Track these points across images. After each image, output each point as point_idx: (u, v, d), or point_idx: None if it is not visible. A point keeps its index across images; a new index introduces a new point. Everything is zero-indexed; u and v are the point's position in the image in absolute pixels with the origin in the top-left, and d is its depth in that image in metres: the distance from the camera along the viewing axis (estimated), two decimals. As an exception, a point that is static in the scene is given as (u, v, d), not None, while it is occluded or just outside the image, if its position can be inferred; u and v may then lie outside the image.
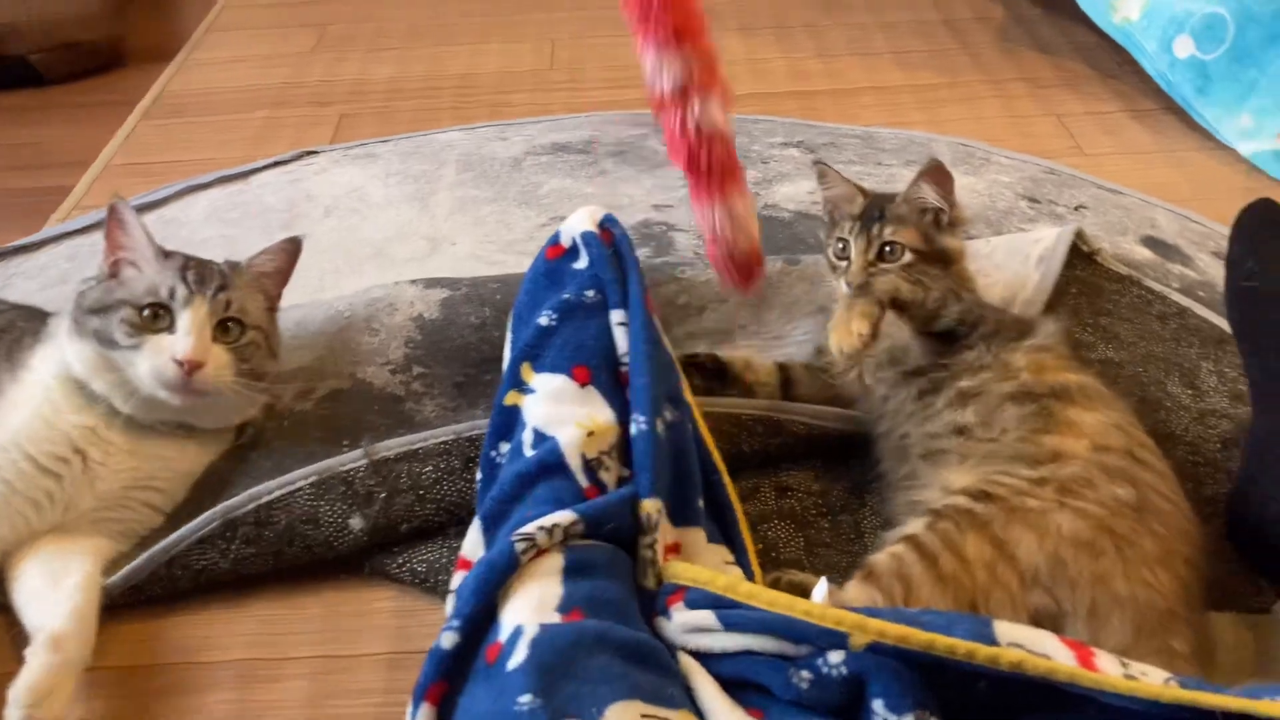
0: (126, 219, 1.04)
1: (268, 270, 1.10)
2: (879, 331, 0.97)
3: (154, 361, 0.99)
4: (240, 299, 1.05)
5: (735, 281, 1.03)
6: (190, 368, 0.98)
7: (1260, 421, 0.98)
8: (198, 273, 1.03)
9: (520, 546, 0.81)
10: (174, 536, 0.98)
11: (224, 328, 1.03)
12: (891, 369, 1.05)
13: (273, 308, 1.12)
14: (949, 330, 1.02)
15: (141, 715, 0.91)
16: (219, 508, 0.99)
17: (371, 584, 1.02)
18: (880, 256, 1.09)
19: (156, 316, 1.00)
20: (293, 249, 1.11)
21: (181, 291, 1.01)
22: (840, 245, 1.13)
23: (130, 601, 0.98)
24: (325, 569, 1.02)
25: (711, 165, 0.93)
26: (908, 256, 1.09)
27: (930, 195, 1.11)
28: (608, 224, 1.06)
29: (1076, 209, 1.50)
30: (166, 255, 1.05)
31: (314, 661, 0.95)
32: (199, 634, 0.97)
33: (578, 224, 1.06)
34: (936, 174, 1.11)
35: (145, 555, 0.98)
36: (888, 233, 1.09)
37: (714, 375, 1.13)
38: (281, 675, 0.94)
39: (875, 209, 1.12)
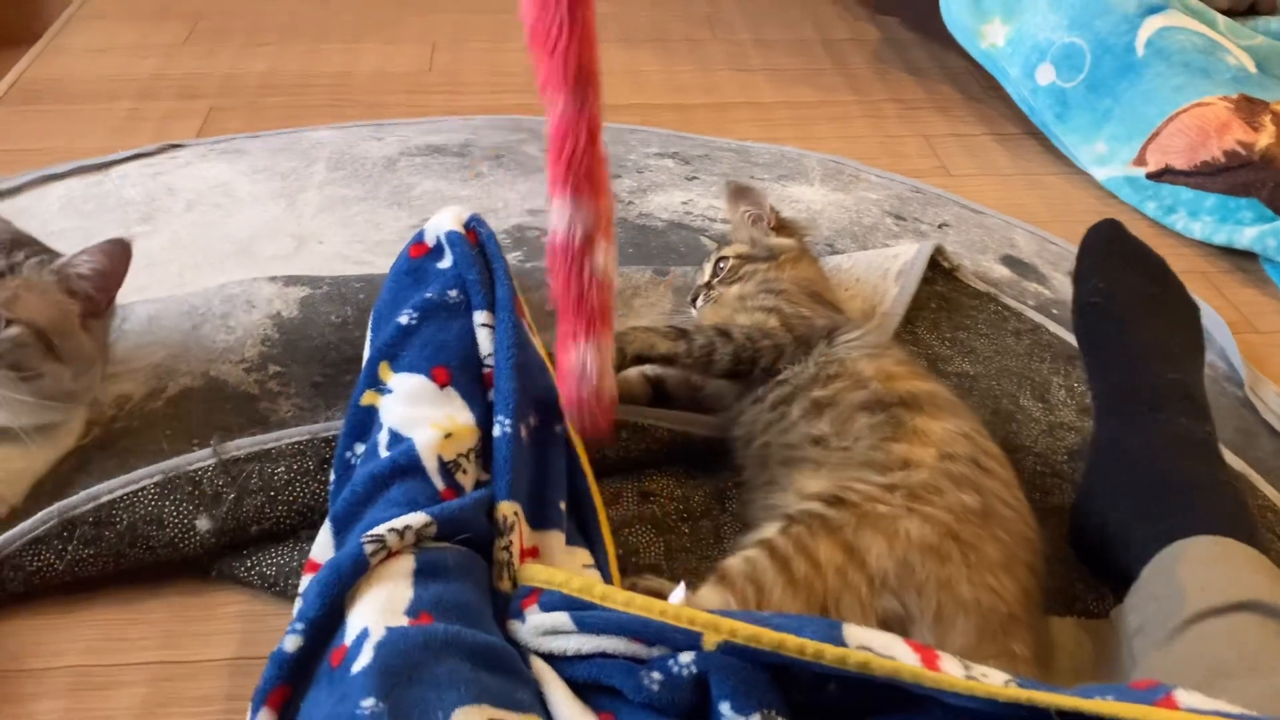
0: None
1: (84, 272, 1.02)
2: None
3: None
4: (16, 290, 0.96)
5: (591, 422, 1.00)
6: None
7: (1100, 432, 1.02)
8: None
9: (370, 548, 0.79)
10: (6, 536, 0.93)
11: None
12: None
13: (95, 312, 1.04)
14: (732, 369, 1.06)
15: (-40, 724, 0.86)
16: (55, 506, 0.94)
17: (218, 587, 0.98)
18: (715, 274, 1.22)
19: None
20: (116, 251, 1.03)
21: None
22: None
23: (-45, 605, 0.93)
24: (170, 572, 0.98)
25: (594, 309, 0.97)
26: (733, 261, 1.20)
27: (746, 209, 1.26)
28: (473, 224, 1.05)
29: (940, 227, 1.54)
30: None
31: (154, 668, 0.91)
32: (29, 639, 0.92)
33: (442, 223, 1.04)
34: (743, 192, 1.29)
35: (-27, 557, 0.93)
36: (719, 253, 1.24)
37: None
38: (118, 682, 0.90)
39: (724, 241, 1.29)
